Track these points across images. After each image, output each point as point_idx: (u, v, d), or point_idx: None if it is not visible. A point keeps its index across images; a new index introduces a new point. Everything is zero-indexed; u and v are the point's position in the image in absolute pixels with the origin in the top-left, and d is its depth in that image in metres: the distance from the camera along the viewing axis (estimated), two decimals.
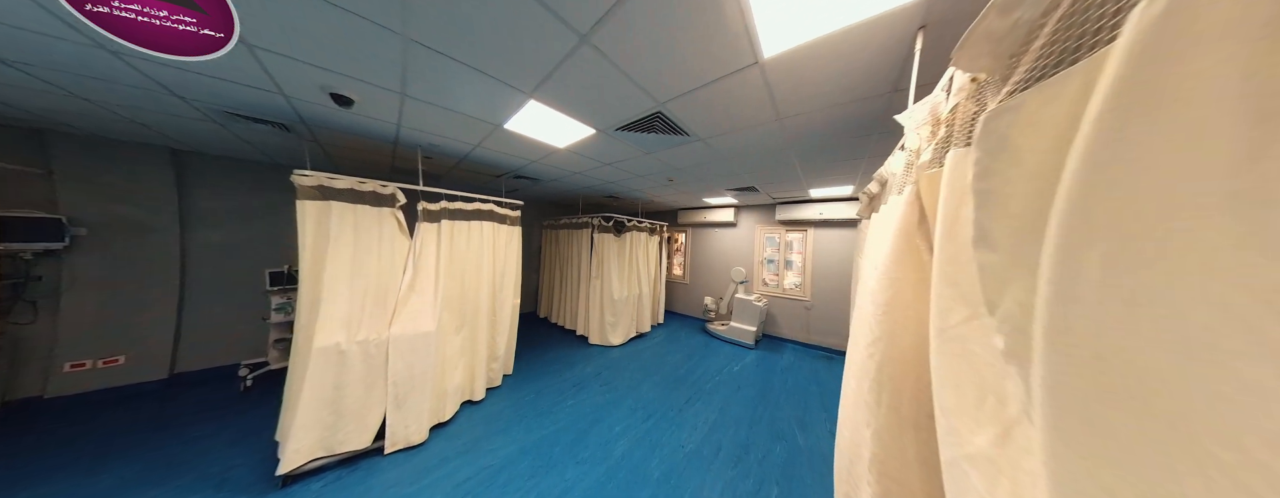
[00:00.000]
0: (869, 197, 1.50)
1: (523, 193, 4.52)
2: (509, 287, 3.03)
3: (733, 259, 4.97)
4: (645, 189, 3.69)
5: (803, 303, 4.25)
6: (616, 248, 4.15)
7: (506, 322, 2.99)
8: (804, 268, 4.32)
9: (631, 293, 4.25)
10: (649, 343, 4.13)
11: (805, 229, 4.34)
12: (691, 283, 5.57)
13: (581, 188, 3.85)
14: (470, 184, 3.80)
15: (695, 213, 5.22)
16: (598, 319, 4.00)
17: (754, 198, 4.14)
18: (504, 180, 3.54)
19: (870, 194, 1.47)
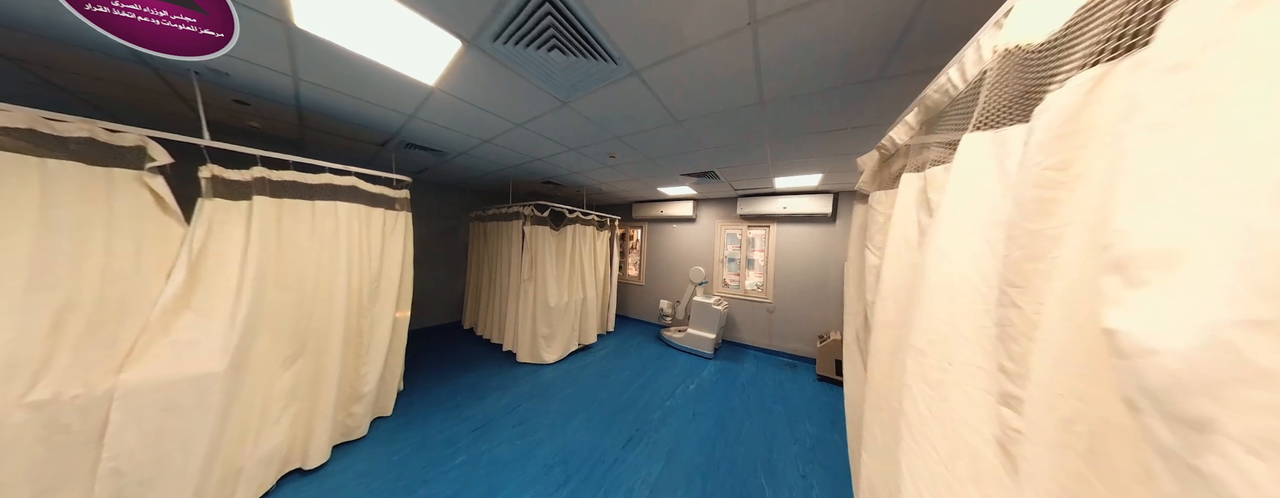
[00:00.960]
0: (884, 156, 1.00)
1: (438, 175, 3.61)
2: (386, 295, 2.20)
3: (692, 258, 4.49)
4: (586, 171, 3.03)
5: (765, 305, 3.87)
6: (554, 244, 3.43)
7: (381, 345, 2.16)
8: (767, 267, 3.94)
9: (573, 298, 3.55)
10: (593, 357, 3.47)
11: (768, 225, 3.97)
12: (648, 285, 5.00)
13: (505, 168, 3.08)
14: (350, 155, 2.85)
15: (652, 206, 4.66)
16: (528, 332, 3.25)
17: (715, 188, 3.66)
18: (392, 150, 2.67)
19: (886, 151, 0.96)
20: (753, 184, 3.33)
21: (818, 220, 3.65)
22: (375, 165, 2.23)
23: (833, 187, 3.27)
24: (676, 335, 3.83)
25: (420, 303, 4.24)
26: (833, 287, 3.47)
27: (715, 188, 3.60)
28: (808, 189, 3.43)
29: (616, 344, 3.92)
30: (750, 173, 2.83)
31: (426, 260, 4.34)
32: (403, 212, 2.42)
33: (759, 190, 3.65)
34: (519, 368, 3.12)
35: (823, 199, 3.45)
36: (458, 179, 3.84)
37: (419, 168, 3.33)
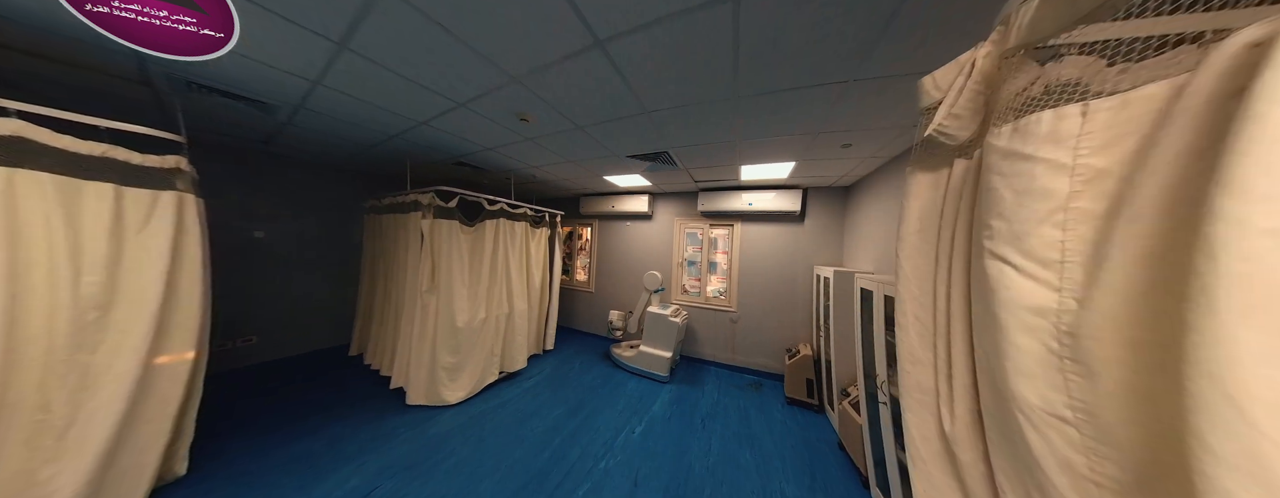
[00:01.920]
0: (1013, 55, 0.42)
1: (307, 148, 2.62)
2: (128, 332, 1.32)
3: (649, 261, 3.89)
4: (500, 146, 2.28)
5: (728, 314, 3.38)
6: (467, 244, 2.63)
7: (105, 418, 1.27)
8: (730, 271, 3.46)
9: (495, 314, 2.77)
10: (516, 390, 2.72)
11: (732, 223, 3.49)
12: (599, 292, 4.32)
13: (385, 140, 2.23)
14: (102, 100, 1.82)
15: (602, 201, 3.99)
16: (425, 363, 2.42)
17: (673, 179, 3.09)
18: (172, 94, 1.73)
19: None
20: (716, 175, 2.80)
21: (785, 219, 3.24)
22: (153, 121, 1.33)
23: (803, 180, 2.85)
24: (627, 354, 3.20)
25: (294, 321, 3.19)
26: (801, 294, 3.07)
27: (673, 178, 3.03)
28: (776, 182, 2.99)
29: (554, 368, 3.20)
30: (713, 157, 2.28)
31: (305, 265, 3.28)
32: (184, 194, 1.52)
33: (722, 182, 3.15)
34: (406, 414, 2.28)
35: (791, 196, 3.03)
36: (334, 156, 2.86)
37: (260, 135, 2.35)
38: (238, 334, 2.95)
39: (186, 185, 1.57)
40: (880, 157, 2.07)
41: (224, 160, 2.76)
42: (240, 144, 2.66)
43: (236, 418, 2.12)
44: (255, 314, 3.02)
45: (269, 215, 3.05)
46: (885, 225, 2.15)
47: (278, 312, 3.14)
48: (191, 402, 1.63)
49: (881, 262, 2.15)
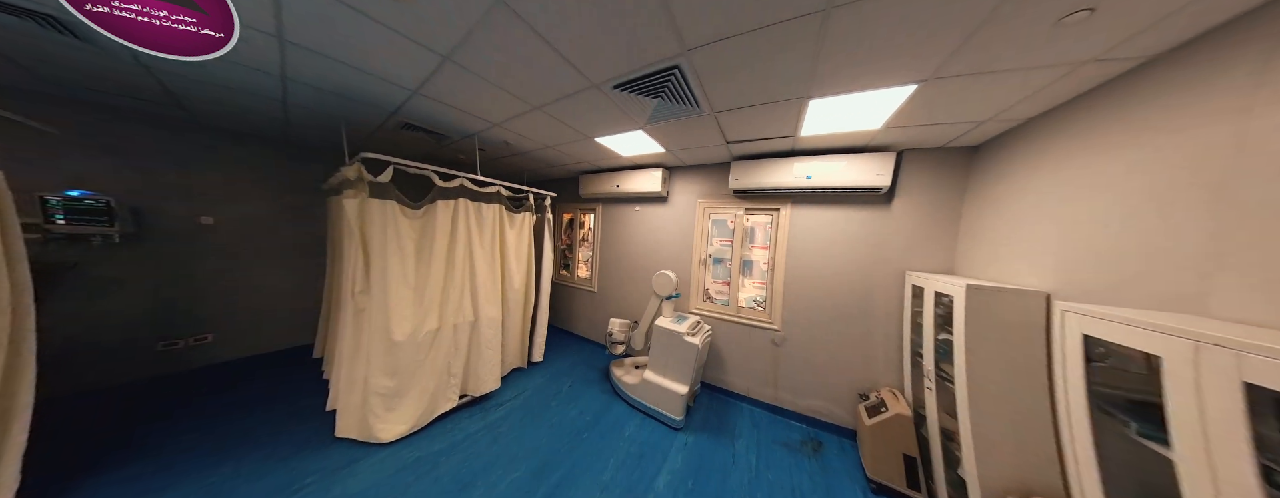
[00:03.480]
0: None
1: (223, 114, 2.07)
2: None
3: (661, 256, 3.05)
4: (428, 87, 1.54)
5: (768, 333, 2.47)
6: (411, 233, 1.97)
7: None
8: (772, 274, 2.52)
9: (451, 324, 2.12)
10: (476, 424, 2.07)
11: (778, 206, 2.52)
12: (603, 293, 3.57)
13: (286, 90, 1.57)
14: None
15: (603, 178, 3.18)
16: (358, 384, 1.84)
17: (693, 138, 2.19)
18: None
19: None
20: (762, 125, 1.83)
21: (862, 199, 2.21)
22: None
23: (905, 133, 1.81)
24: (628, 380, 2.43)
25: (255, 318, 2.83)
26: (884, 313, 2.08)
27: (695, 136, 2.12)
28: (854, 141, 1.97)
29: (536, 391, 2.52)
30: (767, 82, 1.33)
31: (264, 255, 2.87)
32: None
33: (767, 145, 2.18)
34: (326, 452, 1.72)
35: (877, 163, 2.01)
36: (262, 126, 2.31)
37: (156, 92, 1.81)
38: (191, 331, 2.60)
39: None
40: (1085, 76, 1.04)
41: (147, 131, 2.33)
42: (154, 110, 2.18)
43: (132, 445, 1.68)
44: (210, 310, 2.66)
45: (216, 198, 2.63)
46: (1085, 211, 1.13)
47: (236, 307, 2.76)
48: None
49: (1075, 275, 1.15)
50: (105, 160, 2.21)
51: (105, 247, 2.23)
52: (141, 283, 2.39)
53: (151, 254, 2.41)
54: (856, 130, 1.77)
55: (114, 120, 2.21)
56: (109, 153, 2.23)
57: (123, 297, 2.33)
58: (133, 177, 2.30)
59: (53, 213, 2.00)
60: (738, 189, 2.48)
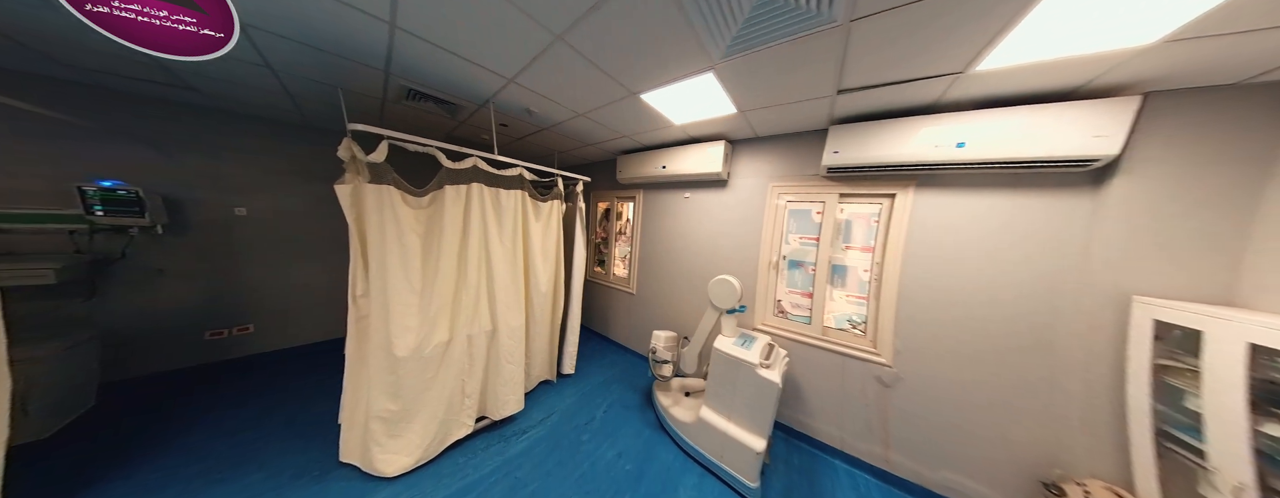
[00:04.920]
0: None
1: (231, 93, 1.86)
2: None
3: (716, 256, 2.45)
4: (412, 21, 1.09)
5: (874, 368, 1.78)
6: (415, 225, 1.61)
7: None
8: (877, 285, 1.81)
9: (463, 334, 1.76)
10: (492, 462, 1.70)
11: (895, 191, 1.78)
12: (642, 296, 3.07)
13: (262, 42, 1.22)
14: None
15: (648, 159, 2.61)
16: (361, 405, 1.56)
17: (784, 86, 1.52)
18: None
19: None
20: (917, 52, 1.12)
21: (1051, 179, 1.41)
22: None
23: (1162, 70, 1.00)
24: (680, 416, 1.92)
25: (294, 309, 2.78)
26: (1079, 354, 1.30)
27: (794, 75, 1.46)
28: (1068, 80, 1.19)
29: (565, 415, 2.12)
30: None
31: (300, 245, 2.79)
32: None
33: (896, 97, 1.46)
34: (326, 482, 1.47)
35: (1102, 116, 1.22)
36: (270, 102, 2.08)
37: (153, 70, 1.60)
38: (234, 322, 2.60)
39: None
40: None
41: (177, 121, 2.24)
42: (178, 97, 2.05)
43: (145, 446, 1.57)
44: (250, 301, 2.63)
45: (248, 189, 2.55)
46: None
47: (273, 298, 2.72)
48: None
49: None
50: (138, 151, 2.15)
51: (149, 238, 2.20)
52: (186, 274, 2.37)
53: (193, 245, 2.37)
54: (1100, 53, 1.00)
55: (145, 111, 2.13)
56: (142, 143, 2.16)
57: (170, 287, 2.32)
58: (167, 167, 2.24)
59: (92, 204, 1.94)
60: (836, 167, 1.78)
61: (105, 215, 1.97)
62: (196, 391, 2.18)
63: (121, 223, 2.02)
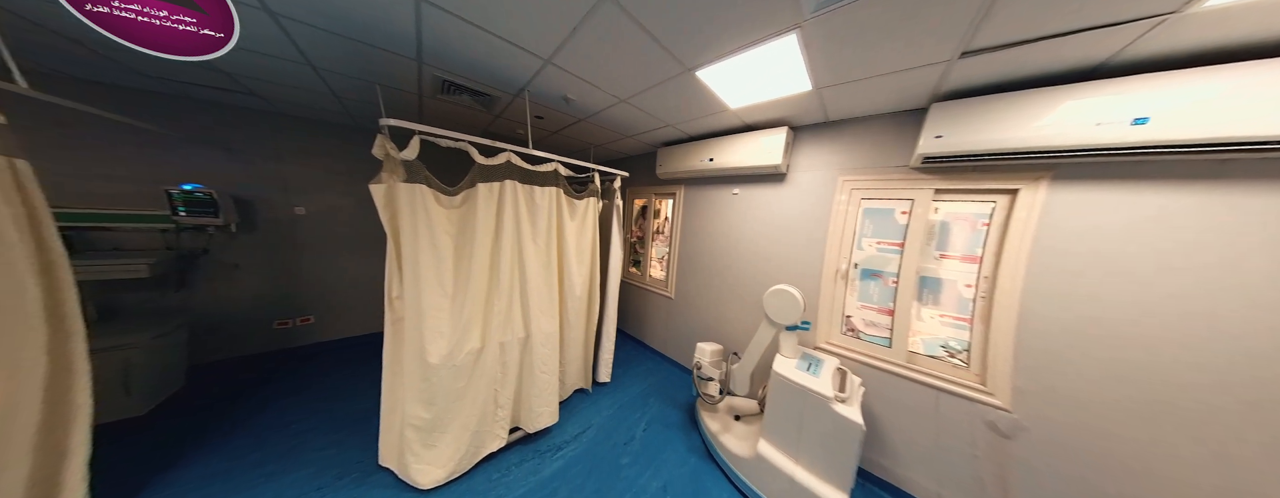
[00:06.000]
0: None
1: (280, 93, 1.91)
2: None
3: (769, 261, 2.16)
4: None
5: (979, 408, 1.41)
6: (448, 226, 1.52)
7: None
8: (987, 303, 1.42)
9: (496, 341, 1.67)
10: (526, 483, 1.59)
11: (1018, 185, 1.38)
12: (681, 300, 2.85)
13: (294, 40, 1.17)
14: None
15: (693, 150, 2.36)
16: (397, 410, 1.53)
17: (886, 52, 1.20)
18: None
19: None
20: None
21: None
22: None
23: None
24: (733, 447, 1.68)
25: (349, 303, 2.94)
26: None
27: (904, 36, 1.13)
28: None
29: (602, 430, 1.98)
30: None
31: (352, 243, 2.92)
32: None
33: (1043, 58, 1.09)
34: (369, 485, 1.46)
35: None
36: (312, 101, 2.11)
37: (217, 76, 1.65)
38: (297, 313, 2.79)
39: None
40: None
41: (248, 126, 2.39)
42: (248, 104, 2.16)
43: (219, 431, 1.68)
44: (310, 293, 2.81)
45: (306, 189, 2.69)
46: None
47: (332, 292, 2.89)
48: (60, 451, 1.14)
49: None
50: (213, 155, 2.31)
51: (226, 236, 2.39)
52: (257, 268, 2.56)
53: (261, 242, 2.55)
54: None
55: (218, 117, 2.28)
56: (217, 148, 2.32)
57: (244, 280, 2.52)
58: (238, 170, 2.40)
59: (176, 205, 2.11)
60: (935, 155, 1.42)
61: (187, 215, 2.14)
62: (266, 376, 2.35)
63: (200, 222, 2.19)
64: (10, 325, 1.02)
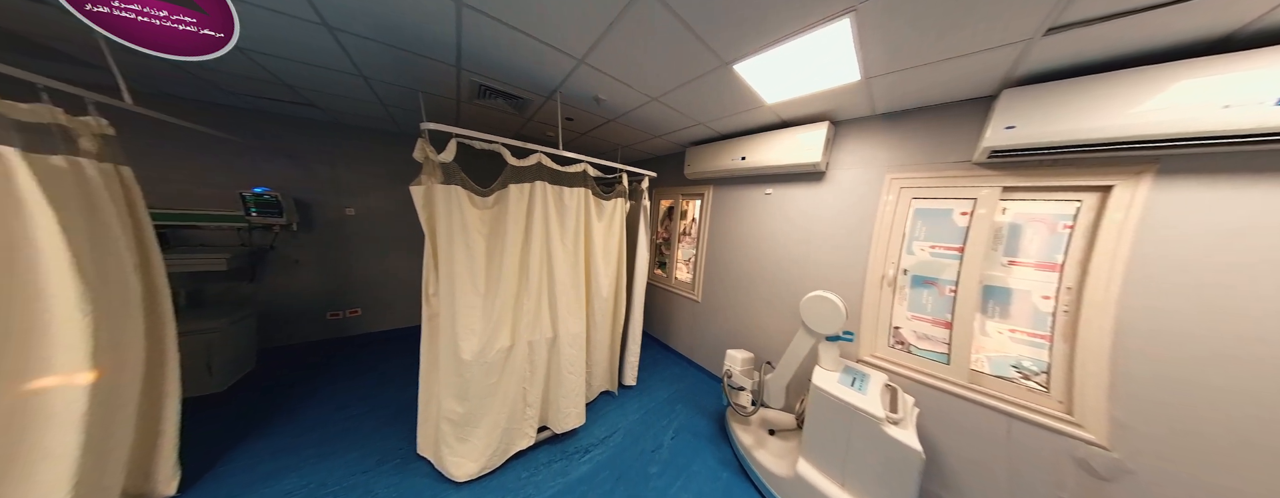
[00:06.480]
0: None
1: (333, 104, 2.07)
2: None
3: (804, 264, 2.03)
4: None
5: (1065, 441, 1.22)
6: (480, 226, 1.56)
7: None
8: (1075, 316, 1.23)
9: (525, 340, 1.68)
10: (555, 484, 1.58)
11: (1112, 180, 1.19)
12: (708, 303, 2.76)
13: (343, 50, 1.25)
14: None
15: (724, 149, 2.28)
16: (433, 401, 1.59)
17: (955, 32, 1.08)
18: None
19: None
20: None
21: None
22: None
23: None
24: (771, 465, 1.57)
25: (393, 297, 3.13)
26: None
27: (983, 8, 1.03)
28: None
29: (629, 435, 1.94)
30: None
31: (395, 242, 3.10)
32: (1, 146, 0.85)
33: (1161, 27, 0.92)
34: (405, 474, 1.54)
35: None
36: (366, 111, 2.26)
37: (278, 88, 1.82)
38: (346, 305, 3.01)
39: (9, 136, 0.93)
40: None
41: (307, 135, 2.62)
42: (306, 114, 2.37)
43: (284, 409, 1.89)
44: (358, 287, 3.02)
45: (355, 191, 2.90)
46: None
47: (377, 286, 3.10)
48: (157, 420, 1.33)
49: None
50: (279, 162, 2.55)
51: (288, 234, 2.62)
52: (313, 263, 2.79)
53: (317, 240, 2.78)
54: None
55: (284, 127, 2.52)
56: (283, 155, 2.56)
57: (303, 274, 2.75)
58: (299, 175, 2.63)
59: (249, 206, 2.35)
60: (1005, 148, 1.26)
61: (257, 215, 2.37)
62: (325, 362, 2.56)
63: (268, 222, 2.42)
64: (117, 311, 1.17)
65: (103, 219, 1.15)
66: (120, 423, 1.18)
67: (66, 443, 0.98)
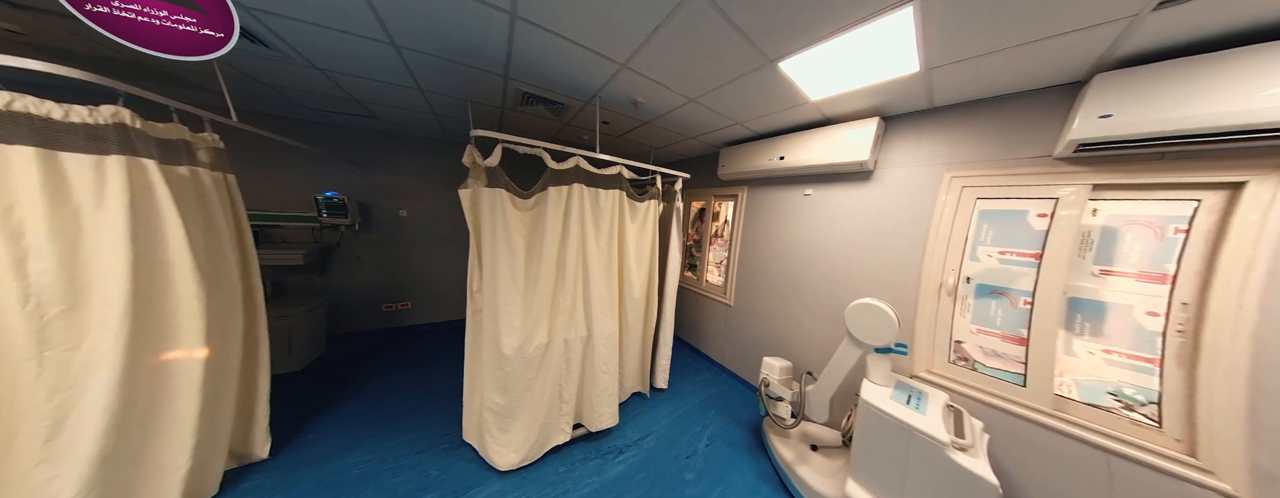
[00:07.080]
0: None
1: (396, 113, 2.27)
2: (110, 316, 0.97)
3: (846, 270, 1.90)
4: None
5: (1182, 485, 1.03)
6: (521, 227, 1.63)
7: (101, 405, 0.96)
8: (1194, 338, 1.04)
9: (561, 338, 1.73)
10: (592, 481, 1.59)
11: (1249, 176, 1.00)
12: (741, 308, 2.68)
13: (395, 59, 1.37)
14: None
15: (761, 149, 2.21)
16: (477, 392, 1.68)
17: (1043, 12, 0.99)
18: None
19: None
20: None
21: None
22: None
23: None
24: (817, 486, 1.48)
25: (441, 292, 3.36)
26: None
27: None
28: None
29: (663, 439, 1.91)
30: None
31: (442, 238, 3.33)
32: (143, 160, 1.08)
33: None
34: (453, 458, 1.65)
35: None
36: (420, 120, 2.44)
37: (358, 105, 2.04)
38: (398, 298, 3.27)
39: (151, 150, 1.11)
40: None
41: (369, 143, 2.89)
42: (369, 125, 2.63)
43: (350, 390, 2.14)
44: (409, 283, 3.28)
45: (408, 195, 3.15)
46: None
47: (426, 282, 3.34)
48: (252, 393, 1.54)
49: None
50: (345, 168, 2.84)
51: (352, 233, 2.91)
52: (372, 260, 3.07)
53: (376, 239, 3.05)
54: None
55: (351, 137, 2.80)
56: (350, 162, 2.85)
57: (364, 269, 3.04)
58: (361, 180, 2.91)
59: (321, 208, 2.64)
60: (1098, 141, 1.11)
61: (327, 216, 2.65)
62: (387, 348, 2.82)
63: (335, 222, 2.69)
64: (224, 297, 1.36)
65: (214, 219, 1.34)
66: (227, 393, 1.37)
67: (190, 408, 1.16)
